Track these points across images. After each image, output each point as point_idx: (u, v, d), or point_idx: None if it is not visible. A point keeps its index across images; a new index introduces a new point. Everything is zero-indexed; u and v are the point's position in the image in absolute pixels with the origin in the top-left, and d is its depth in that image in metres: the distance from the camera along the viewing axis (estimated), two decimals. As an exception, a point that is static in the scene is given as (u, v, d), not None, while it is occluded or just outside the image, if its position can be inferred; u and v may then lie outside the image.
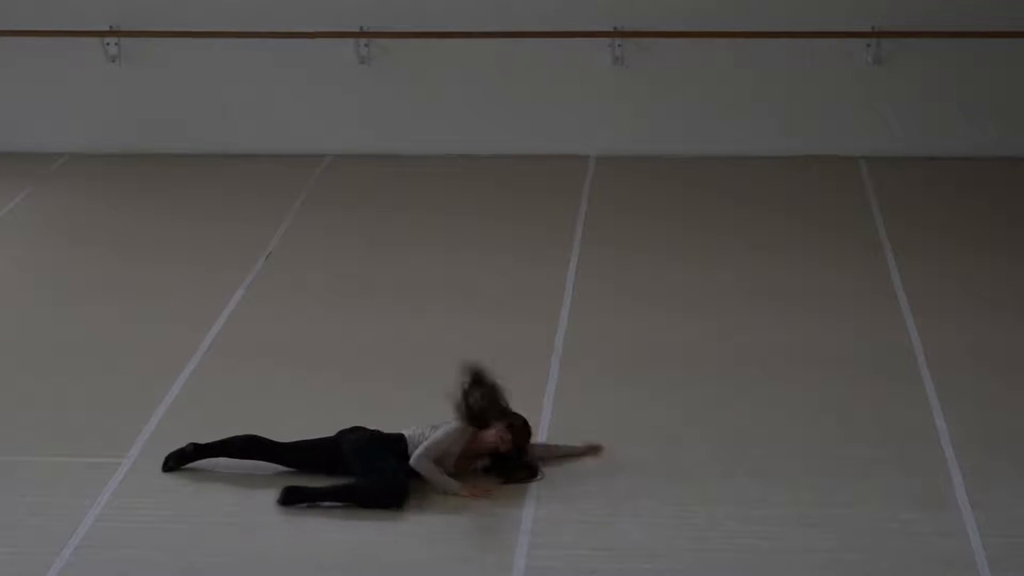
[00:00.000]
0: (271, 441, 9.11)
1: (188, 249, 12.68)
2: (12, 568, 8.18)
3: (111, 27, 14.80)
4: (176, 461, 9.12)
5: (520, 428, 9.03)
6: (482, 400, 8.99)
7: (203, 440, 9.11)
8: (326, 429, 9.62)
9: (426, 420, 9.08)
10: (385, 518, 8.62)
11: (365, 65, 14.77)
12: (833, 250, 12.48)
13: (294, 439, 9.11)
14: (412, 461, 8.86)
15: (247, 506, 8.76)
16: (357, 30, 14.69)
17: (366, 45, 14.73)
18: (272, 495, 8.84)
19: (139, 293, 11.82)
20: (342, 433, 9.11)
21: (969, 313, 11.25)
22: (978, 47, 14.39)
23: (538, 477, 8.96)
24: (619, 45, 14.58)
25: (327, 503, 8.73)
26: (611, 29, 14.54)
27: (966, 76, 14.51)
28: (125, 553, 8.32)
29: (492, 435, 8.96)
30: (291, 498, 8.74)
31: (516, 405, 10.03)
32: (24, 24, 14.81)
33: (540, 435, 9.49)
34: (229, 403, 10.00)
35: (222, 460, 9.10)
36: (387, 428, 9.17)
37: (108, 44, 14.82)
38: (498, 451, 8.97)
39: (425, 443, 8.93)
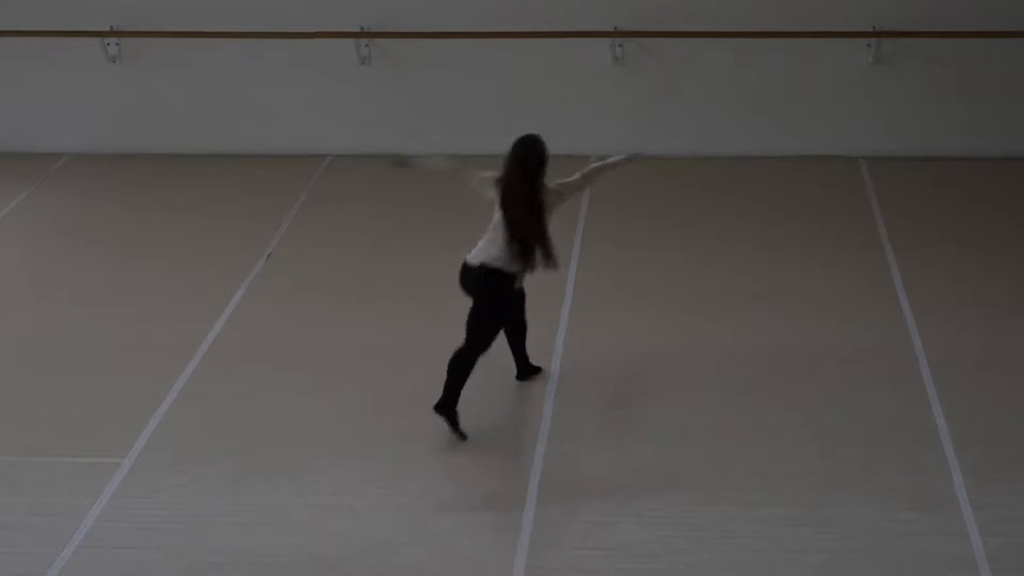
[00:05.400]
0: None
1: (188, 249, 12.69)
2: (12, 568, 8.19)
3: (111, 27, 14.81)
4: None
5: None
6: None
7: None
8: (325, 429, 9.65)
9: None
10: (384, 516, 8.62)
11: (365, 65, 14.78)
12: (833, 250, 12.48)
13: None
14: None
15: (247, 506, 8.77)
16: (357, 30, 14.70)
17: (366, 45, 14.74)
18: (271, 495, 8.86)
19: (139, 293, 11.83)
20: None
21: (969, 313, 11.25)
22: (978, 47, 14.40)
23: None
24: (619, 45, 14.58)
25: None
26: (611, 29, 14.55)
27: (966, 76, 14.51)
28: (125, 553, 8.33)
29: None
30: None
31: (516, 404, 10.07)
32: (24, 24, 14.82)
33: (541, 437, 9.52)
34: (229, 403, 10.02)
35: None
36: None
37: (108, 44, 14.83)
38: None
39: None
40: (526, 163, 9.52)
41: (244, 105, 14.94)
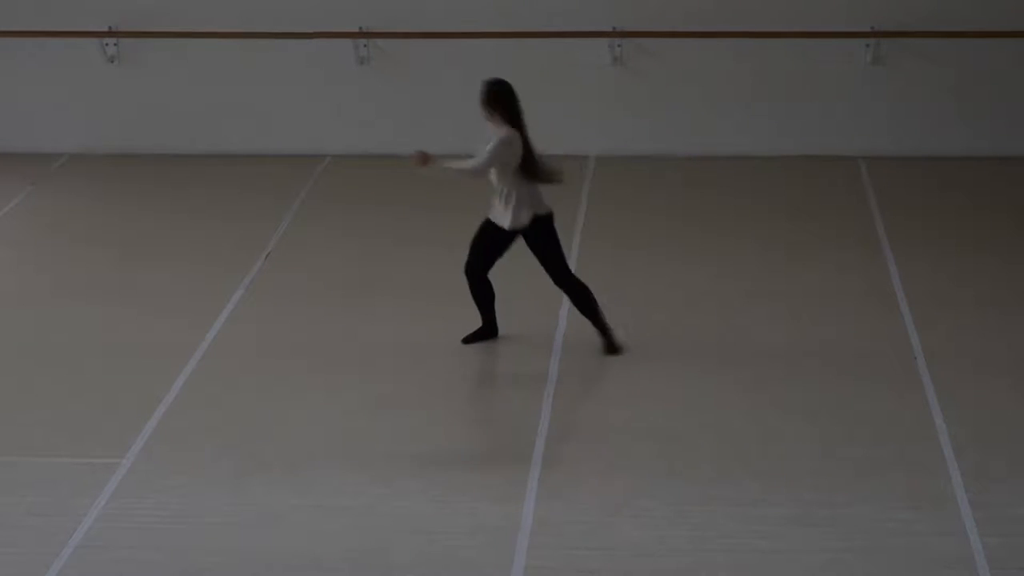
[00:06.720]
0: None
1: (188, 249, 12.69)
2: (12, 568, 8.19)
3: (110, 28, 14.81)
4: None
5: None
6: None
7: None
8: (326, 429, 9.65)
9: None
10: (383, 516, 8.63)
11: (364, 65, 14.78)
12: (833, 250, 12.48)
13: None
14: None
15: (247, 506, 8.77)
16: (356, 30, 14.70)
17: (365, 45, 14.74)
18: (270, 495, 8.86)
19: (139, 293, 11.83)
20: None
21: (969, 313, 11.25)
22: (978, 47, 14.40)
23: None
24: (619, 45, 14.58)
25: None
26: (611, 29, 14.55)
27: (965, 76, 14.51)
28: (125, 553, 8.33)
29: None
30: None
31: (516, 404, 10.06)
32: (24, 24, 14.82)
33: (540, 436, 9.53)
34: (229, 403, 10.01)
35: None
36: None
37: (107, 45, 14.83)
38: None
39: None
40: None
41: (244, 105, 14.94)
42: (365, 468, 9.14)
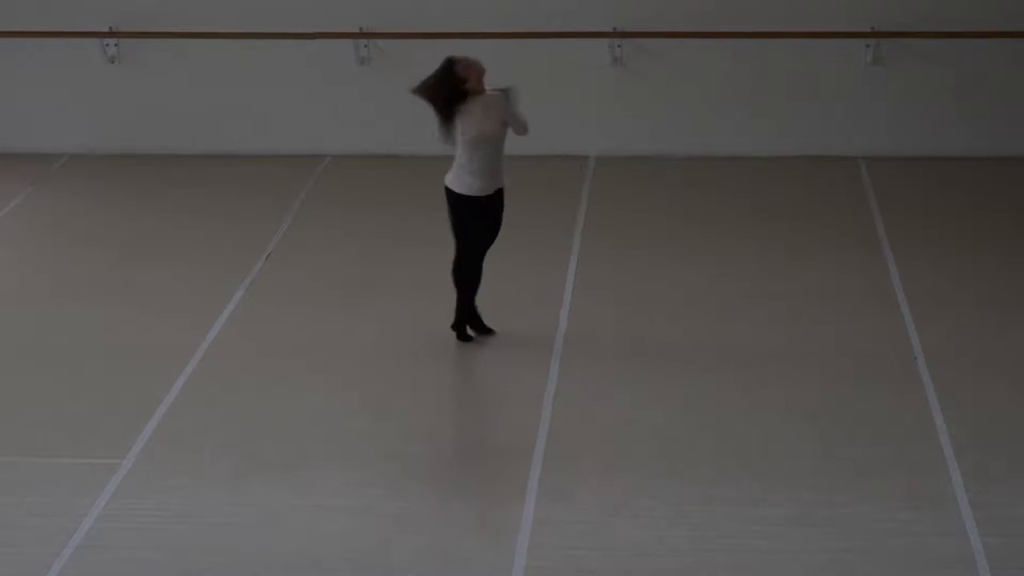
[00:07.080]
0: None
1: (188, 249, 12.69)
2: (12, 568, 8.19)
3: (110, 28, 14.81)
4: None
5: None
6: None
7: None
8: (325, 429, 9.65)
9: None
10: (383, 516, 8.63)
11: (365, 66, 14.77)
12: (833, 250, 12.48)
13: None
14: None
15: (247, 506, 8.77)
16: (356, 30, 14.70)
17: (365, 45, 14.74)
18: (270, 495, 8.86)
19: (139, 293, 11.83)
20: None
21: (969, 313, 11.25)
22: (977, 47, 14.40)
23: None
24: (619, 45, 14.58)
25: None
26: (611, 29, 14.55)
27: (965, 76, 14.51)
28: (125, 553, 8.33)
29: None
30: None
31: (516, 405, 10.08)
32: (24, 24, 14.82)
33: (540, 436, 9.53)
34: (229, 403, 10.01)
35: None
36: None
37: (107, 45, 14.83)
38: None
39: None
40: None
41: (244, 105, 14.94)
42: (365, 468, 9.15)
